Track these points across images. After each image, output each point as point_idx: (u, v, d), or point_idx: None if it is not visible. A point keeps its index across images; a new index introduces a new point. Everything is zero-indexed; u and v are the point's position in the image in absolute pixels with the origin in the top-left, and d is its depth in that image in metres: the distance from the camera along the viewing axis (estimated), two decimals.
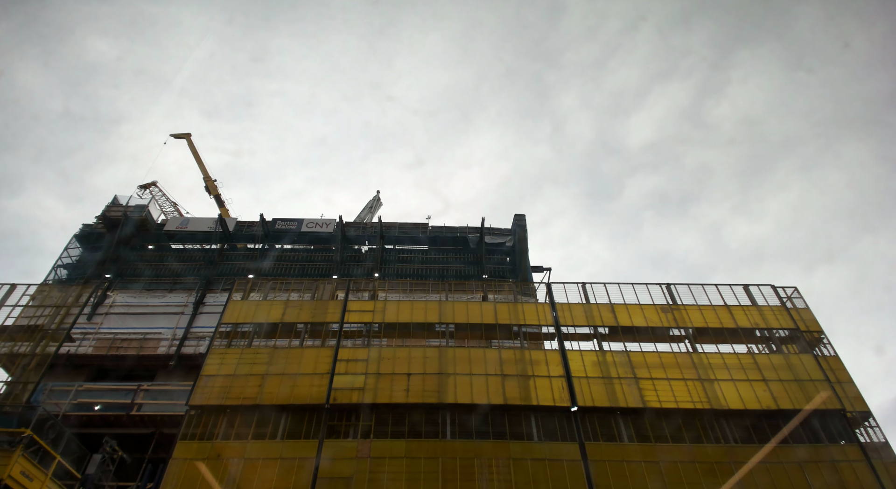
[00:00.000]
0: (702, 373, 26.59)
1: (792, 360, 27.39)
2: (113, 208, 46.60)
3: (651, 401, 25.25)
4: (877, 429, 25.10)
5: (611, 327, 29.24)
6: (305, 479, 21.96)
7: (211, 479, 21.92)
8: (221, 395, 25.13)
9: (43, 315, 28.26)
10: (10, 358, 26.81)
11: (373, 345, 27.98)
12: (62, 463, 23.24)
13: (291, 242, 46.86)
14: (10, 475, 20.30)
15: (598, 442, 23.82)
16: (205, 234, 45.42)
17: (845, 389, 26.24)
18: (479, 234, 46.13)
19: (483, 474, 22.35)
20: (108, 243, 43.87)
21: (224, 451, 23.07)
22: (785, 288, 31.68)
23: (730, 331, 29.02)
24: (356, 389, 25.37)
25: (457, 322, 29.49)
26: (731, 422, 24.88)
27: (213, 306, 39.10)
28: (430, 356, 27.09)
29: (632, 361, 27.08)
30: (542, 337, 29.87)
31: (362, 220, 60.37)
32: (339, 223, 46.20)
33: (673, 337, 29.10)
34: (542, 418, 24.81)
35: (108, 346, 36.35)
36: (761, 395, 25.56)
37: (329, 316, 29.82)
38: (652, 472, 22.60)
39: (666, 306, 30.37)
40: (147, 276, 42.65)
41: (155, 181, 56.73)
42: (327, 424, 24.16)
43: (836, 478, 22.70)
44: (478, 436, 23.99)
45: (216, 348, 27.70)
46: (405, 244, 47.30)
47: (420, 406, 24.96)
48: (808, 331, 29.31)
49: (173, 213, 54.07)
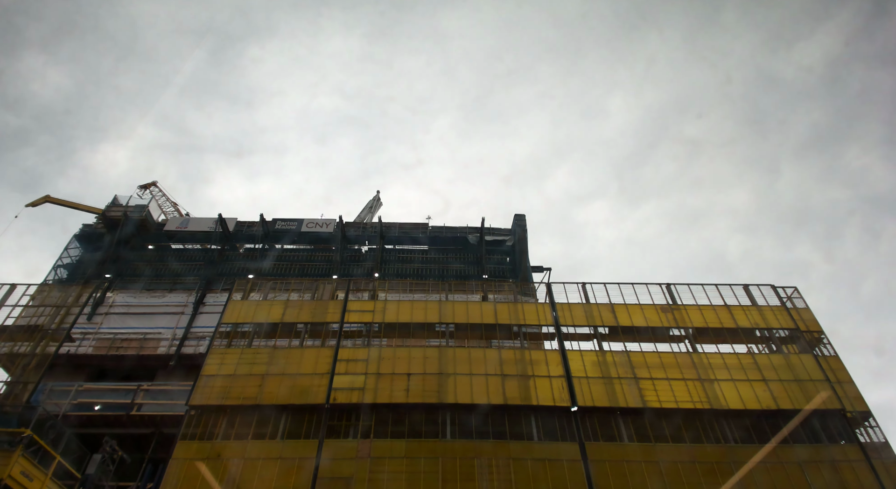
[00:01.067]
0: (702, 373, 26.59)
1: (792, 360, 27.40)
2: (113, 208, 46.61)
3: (651, 401, 25.25)
4: (877, 429, 25.10)
5: (611, 327, 29.24)
6: (305, 479, 21.96)
7: (211, 479, 21.93)
8: (221, 395, 25.13)
9: (43, 315, 28.26)
10: (10, 358, 26.81)
11: (373, 345, 27.98)
12: (62, 463, 23.24)
13: (291, 242, 46.87)
14: (10, 475, 20.31)
15: (598, 442, 23.82)
16: (205, 233, 45.42)
17: (845, 389, 26.24)
18: (479, 234, 46.14)
19: (483, 474, 22.35)
20: (108, 243, 43.89)
21: (224, 451, 23.06)
22: (785, 288, 31.71)
23: (730, 331, 29.02)
24: (356, 389, 25.37)
25: (457, 322, 29.49)
26: (731, 422, 24.88)
27: (213, 306, 39.10)
28: (430, 356, 27.10)
29: (632, 361, 27.09)
30: (542, 337, 29.88)
31: (362, 220, 60.37)
32: (339, 223, 46.20)
33: (673, 337, 29.11)
34: (542, 418, 24.81)
35: (108, 346, 36.35)
36: (761, 395, 25.56)
37: (329, 316, 29.82)
38: (652, 472, 22.60)
39: (666, 306, 30.37)
40: (147, 276, 42.66)
41: (155, 181, 56.81)
42: (327, 424, 24.15)
43: (836, 478, 22.71)
44: (478, 436, 23.99)
45: (216, 348, 27.70)
46: (405, 244, 47.33)
47: (420, 406, 24.96)
48: (808, 331, 29.31)
49: (173, 213, 54.08)
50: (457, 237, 47.46)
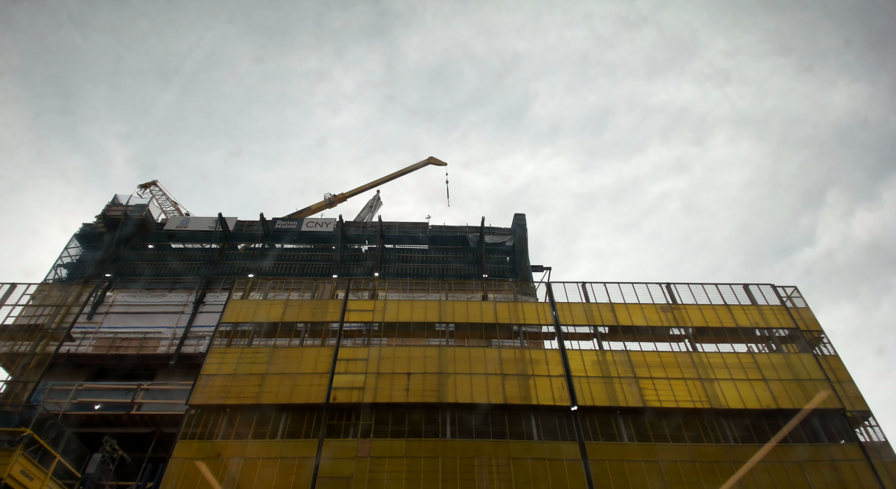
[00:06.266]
0: (702, 372, 26.58)
1: (792, 360, 27.39)
2: (113, 207, 46.58)
3: (651, 400, 25.24)
4: (877, 428, 25.10)
5: (611, 326, 29.23)
6: (305, 479, 21.95)
7: (211, 479, 21.93)
8: (221, 395, 25.13)
9: (43, 314, 28.24)
10: (10, 357, 26.79)
11: (373, 345, 27.97)
12: (62, 462, 23.24)
13: (291, 242, 46.88)
14: (10, 474, 20.31)
15: (598, 441, 23.81)
16: (205, 233, 45.43)
17: (845, 389, 26.22)
18: (479, 234, 46.14)
19: (483, 473, 22.34)
20: (108, 242, 43.87)
21: (224, 451, 23.06)
22: (785, 287, 31.70)
23: (730, 331, 29.01)
24: (356, 389, 25.37)
25: (457, 321, 29.48)
26: (731, 422, 24.87)
27: (213, 305, 39.10)
28: (430, 355, 27.09)
29: (632, 361, 27.07)
30: (542, 336, 29.86)
31: (362, 220, 60.44)
32: (339, 223, 46.20)
33: (673, 336, 29.09)
34: (542, 417, 24.81)
35: (108, 346, 36.36)
36: (761, 395, 25.56)
37: (329, 315, 29.81)
38: (652, 472, 22.60)
39: (666, 305, 30.36)
40: (147, 276, 42.65)
41: (155, 180, 56.85)
42: (327, 424, 24.15)
43: (835, 477, 22.70)
44: (478, 435, 23.98)
45: (216, 347, 27.69)
46: (405, 244, 47.32)
47: (420, 405, 24.95)
48: (808, 331, 29.29)
49: (173, 213, 54.10)
50: (456, 236, 47.47)
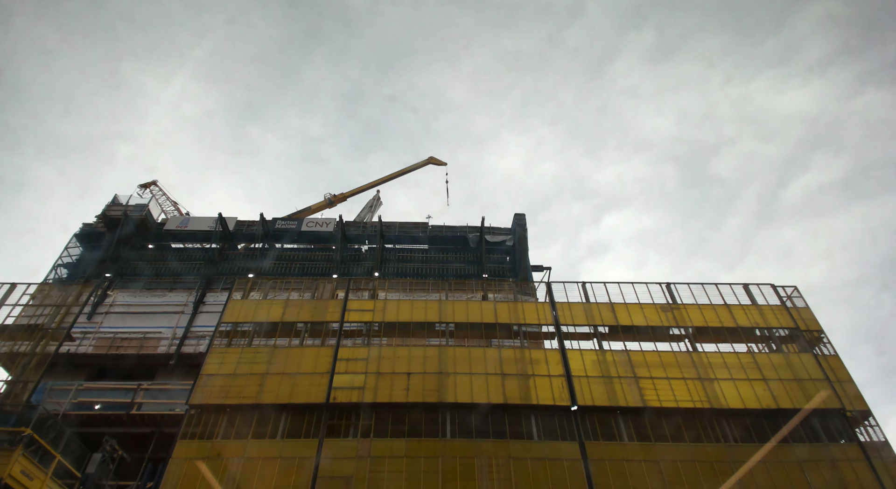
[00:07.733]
0: (702, 372, 26.58)
1: (792, 360, 27.38)
2: (113, 207, 46.56)
3: (651, 400, 25.24)
4: (877, 428, 25.09)
5: (611, 326, 29.23)
6: (305, 479, 21.96)
7: (211, 479, 21.94)
8: (221, 395, 25.13)
9: (43, 314, 28.24)
10: (10, 357, 26.80)
11: (373, 345, 27.97)
12: (62, 462, 23.26)
13: (291, 242, 46.89)
14: (10, 474, 20.32)
15: (598, 441, 23.82)
16: (205, 233, 45.43)
17: (845, 388, 26.23)
18: (479, 234, 46.13)
19: (483, 473, 22.35)
20: (108, 242, 43.88)
21: (224, 451, 23.07)
22: (785, 287, 31.69)
23: (730, 331, 29.00)
24: (356, 388, 25.37)
25: (457, 321, 29.48)
26: (731, 422, 24.88)
27: (213, 305, 39.11)
28: (430, 355, 27.09)
29: (632, 360, 27.08)
30: (542, 336, 29.85)
31: (362, 220, 60.41)
32: (339, 222, 46.19)
33: (673, 336, 29.09)
34: (542, 417, 24.81)
35: (108, 346, 36.34)
36: (761, 395, 25.56)
37: (329, 315, 29.81)
38: (652, 472, 22.60)
39: (666, 305, 30.36)
40: (147, 276, 42.64)
41: (155, 180, 56.79)
42: (327, 424, 24.16)
43: (835, 477, 22.71)
44: (478, 435, 23.98)
45: (216, 347, 27.70)
46: (405, 243, 47.33)
47: (420, 405, 24.95)
48: (808, 331, 29.29)
49: (173, 213, 54.05)
50: (456, 236, 47.46)
